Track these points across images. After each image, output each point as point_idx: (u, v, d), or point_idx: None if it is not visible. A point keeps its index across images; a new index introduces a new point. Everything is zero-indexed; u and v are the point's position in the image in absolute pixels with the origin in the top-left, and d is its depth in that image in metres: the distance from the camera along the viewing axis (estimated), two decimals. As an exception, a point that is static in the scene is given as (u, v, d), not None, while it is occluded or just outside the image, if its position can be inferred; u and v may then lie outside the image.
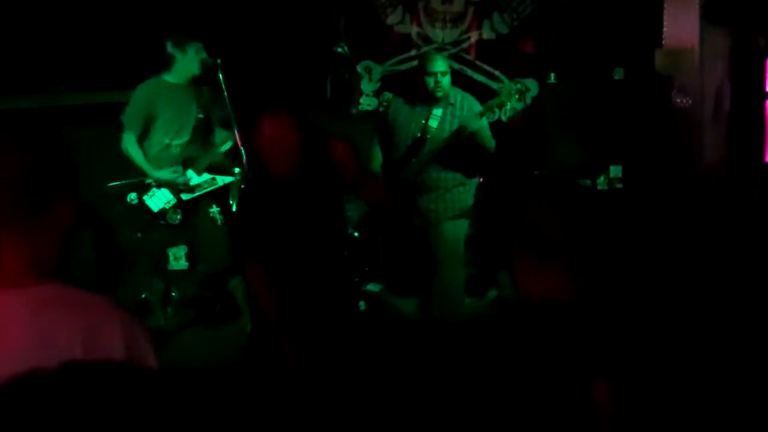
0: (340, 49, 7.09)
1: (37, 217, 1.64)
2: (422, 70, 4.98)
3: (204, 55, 5.38)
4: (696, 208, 5.57)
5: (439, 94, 4.90)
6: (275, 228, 3.22)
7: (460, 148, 4.96)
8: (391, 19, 6.92)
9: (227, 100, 5.25)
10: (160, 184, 5.35)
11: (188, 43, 5.37)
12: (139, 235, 5.48)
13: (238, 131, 5.11)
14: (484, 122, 4.95)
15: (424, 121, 4.98)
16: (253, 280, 3.27)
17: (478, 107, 4.98)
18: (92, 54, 6.19)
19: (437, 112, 4.96)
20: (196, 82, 5.48)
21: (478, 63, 6.75)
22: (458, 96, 5.02)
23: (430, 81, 4.88)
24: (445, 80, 4.91)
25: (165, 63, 5.43)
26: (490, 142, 4.99)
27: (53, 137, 1.69)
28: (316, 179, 3.26)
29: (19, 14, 5.88)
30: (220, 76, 5.26)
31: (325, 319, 3.29)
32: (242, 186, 5.09)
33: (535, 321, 1.82)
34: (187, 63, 5.38)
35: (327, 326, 3.28)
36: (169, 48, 5.38)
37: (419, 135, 5.02)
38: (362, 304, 6.22)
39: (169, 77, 5.42)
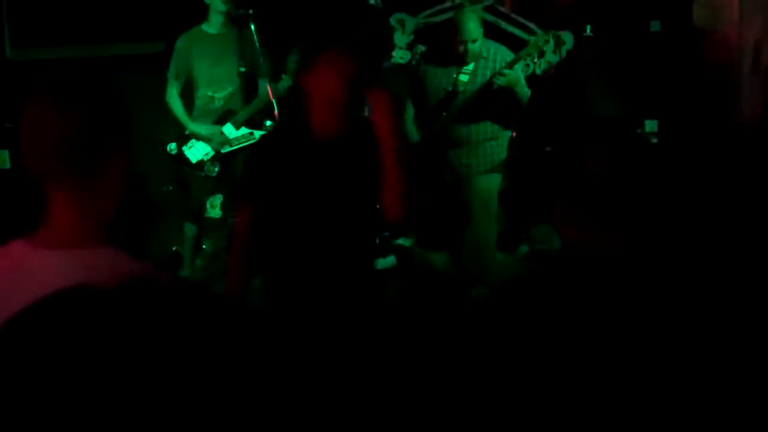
0: (372, 1, 7.02)
1: (93, 173, 1.52)
2: (454, 33, 4.96)
3: (242, 11, 5.33)
4: (733, 164, 5.49)
5: (469, 59, 4.88)
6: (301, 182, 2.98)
7: (491, 101, 4.93)
8: (425, -30, 6.84)
9: (259, 52, 5.23)
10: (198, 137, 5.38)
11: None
12: (170, 187, 5.51)
13: (270, 83, 5.10)
14: (518, 72, 4.89)
15: (455, 75, 4.96)
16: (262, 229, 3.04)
17: (510, 56, 4.94)
18: (132, 3, 6.20)
19: (468, 67, 4.94)
20: (239, 34, 5.40)
21: (513, 15, 6.65)
22: (491, 48, 4.99)
23: (460, 47, 4.88)
24: (476, 45, 4.88)
25: (203, 13, 5.40)
26: (524, 93, 4.93)
27: (111, 86, 1.56)
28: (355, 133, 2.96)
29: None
30: (252, 27, 5.25)
31: (347, 277, 3.06)
32: None
33: (579, 274, 1.79)
34: (216, 5, 5.31)
35: (349, 283, 3.07)
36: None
37: (450, 89, 4.99)
38: (393, 259, 6.25)
39: (207, 27, 5.39)
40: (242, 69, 5.39)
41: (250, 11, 5.29)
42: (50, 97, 1.49)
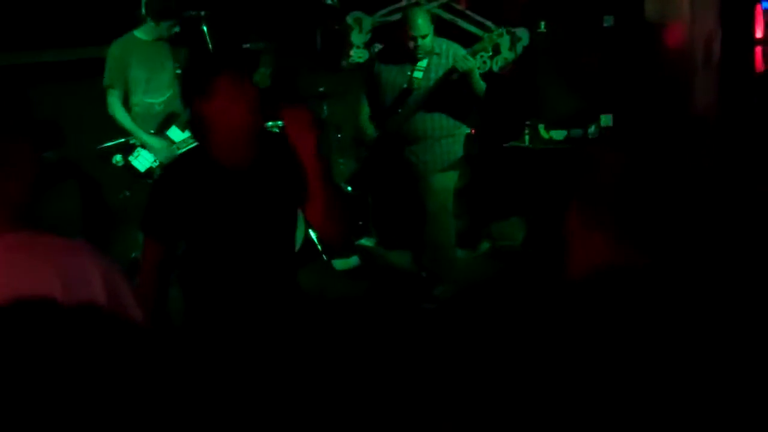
0: (329, 1, 7.03)
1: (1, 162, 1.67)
2: (404, 27, 4.95)
3: (177, 29, 5.28)
4: (686, 156, 5.57)
5: (420, 55, 4.91)
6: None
7: (446, 98, 4.95)
8: (381, -31, 6.86)
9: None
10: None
11: (164, 18, 5.22)
12: (127, 193, 5.47)
13: None
14: (472, 64, 4.91)
15: (409, 73, 4.98)
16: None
17: (462, 53, 4.98)
18: (69, 9, 6.12)
19: (422, 63, 4.97)
20: (173, 37, 5.34)
21: (469, 13, 6.70)
22: (443, 45, 5.01)
23: (410, 43, 4.89)
24: (426, 41, 4.89)
25: (137, 20, 5.31)
26: (480, 87, 4.95)
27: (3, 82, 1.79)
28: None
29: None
30: (204, 28, 5.21)
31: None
32: None
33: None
34: (160, 28, 5.25)
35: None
36: (144, 12, 5.26)
37: (405, 86, 5.02)
38: (356, 259, 6.26)
39: (139, 34, 5.31)
40: (179, 71, 5.33)
41: (202, 13, 5.26)
42: None
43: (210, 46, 5.26)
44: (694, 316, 1.67)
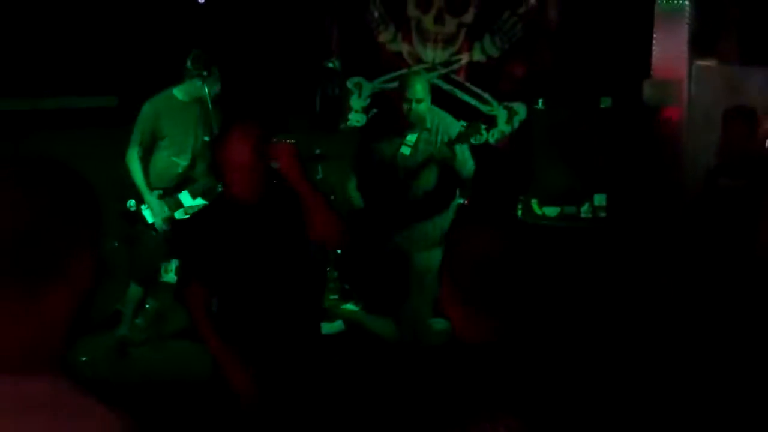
0: (330, 64, 7.09)
1: (46, 275, 1.21)
2: (400, 93, 4.81)
3: (217, 88, 5.31)
4: (680, 240, 5.54)
5: (413, 121, 4.76)
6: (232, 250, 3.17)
7: (434, 175, 4.85)
8: (383, 37, 6.92)
9: (212, 118, 5.21)
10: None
11: (211, 65, 5.26)
12: (116, 244, 5.43)
13: None
14: (448, 155, 4.77)
15: (397, 147, 4.85)
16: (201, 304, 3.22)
17: (455, 131, 4.83)
18: (82, 58, 6.19)
19: (411, 138, 4.80)
20: (203, 102, 5.32)
21: (468, 85, 6.74)
22: (435, 120, 4.85)
23: (405, 106, 4.73)
24: (421, 107, 4.72)
25: (178, 78, 5.31)
26: (464, 169, 4.79)
27: (72, 172, 1.26)
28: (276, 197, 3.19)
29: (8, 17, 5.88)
30: (206, 90, 5.21)
31: (288, 342, 3.22)
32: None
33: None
34: (200, 88, 5.25)
35: (291, 349, 3.22)
36: (189, 65, 5.23)
37: (392, 161, 4.89)
38: (340, 324, 6.20)
39: (179, 93, 5.32)
40: (206, 138, 5.33)
41: (205, 73, 5.23)
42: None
43: (210, 107, 5.27)
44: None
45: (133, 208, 5.26)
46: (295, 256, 3.23)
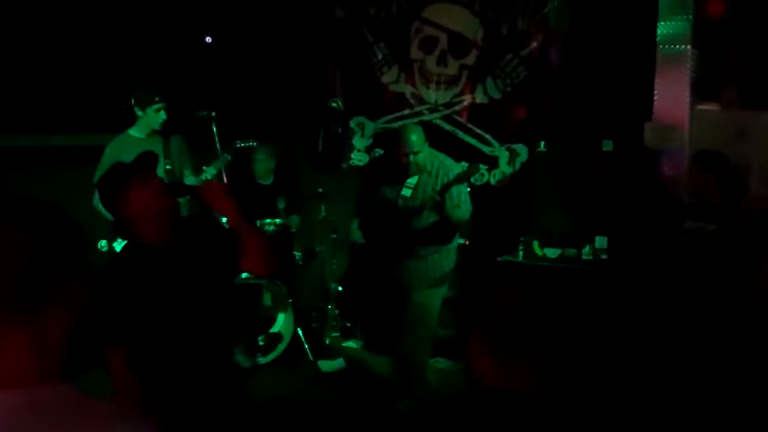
0: (334, 104, 7.15)
1: (40, 310, 1.33)
2: (398, 144, 4.95)
3: (164, 115, 5.47)
4: (682, 283, 5.54)
5: (412, 171, 4.90)
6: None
7: (434, 216, 4.91)
8: (386, 78, 6.99)
9: (219, 152, 5.28)
10: None
11: (150, 103, 5.46)
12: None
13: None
14: (461, 191, 4.85)
15: (399, 188, 4.95)
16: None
17: (454, 173, 4.91)
18: (86, 96, 6.26)
19: (412, 181, 4.92)
20: (163, 132, 5.53)
21: (470, 126, 6.79)
22: (435, 162, 4.96)
23: (404, 158, 4.88)
24: (419, 157, 4.86)
25: (132, 118, 5.54)
26: (457, 212, 4.81)
27: (55, 214, 1.47)
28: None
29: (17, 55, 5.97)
30: (214, 128, 5.34)
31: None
32: None
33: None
34: (149, 120, 5.48)
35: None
36: (133, 104, 5.50)
37: (393, 202, 4.98)
38: (341, 361, 6.19)
39: (134, 132, 5.53)
40: (168, 167, 5.44)
41: (213, 113, 5.42)
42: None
43: (218, 144, 5.36)
44: None
45: (105, 248, 5.32)
46: (209, 295, 3.21)
